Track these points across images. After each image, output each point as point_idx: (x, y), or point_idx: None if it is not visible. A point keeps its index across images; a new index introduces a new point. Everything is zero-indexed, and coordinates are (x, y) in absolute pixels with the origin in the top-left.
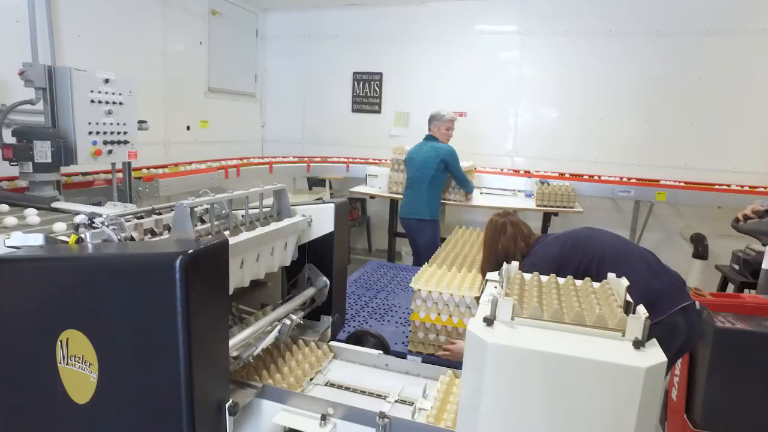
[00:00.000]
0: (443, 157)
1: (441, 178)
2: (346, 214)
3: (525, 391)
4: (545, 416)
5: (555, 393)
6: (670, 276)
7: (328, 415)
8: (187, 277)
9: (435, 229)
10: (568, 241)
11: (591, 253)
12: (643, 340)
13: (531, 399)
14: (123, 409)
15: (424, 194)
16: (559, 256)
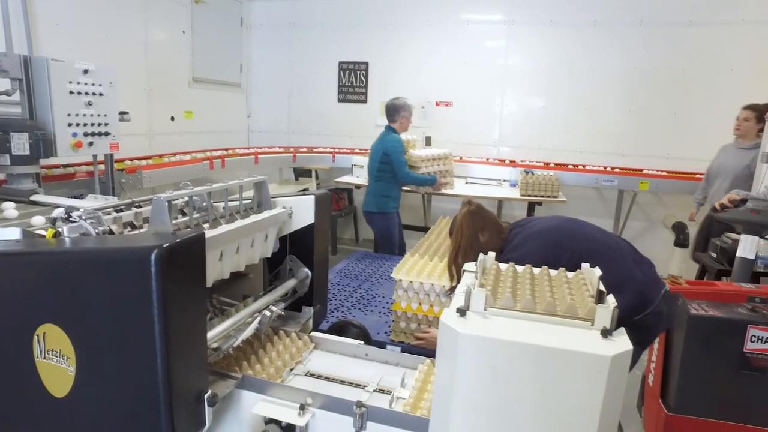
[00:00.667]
0: (385, 149)
1: (388, 170)
2: (327, 206)
3: (496, 380)
4: (516, 404)
5: (524, 382)
6: (647, 264)
7: (307, 404)
8: (162, 269)
9: (385, 221)
10: (551, 239)
11: (578, 251)
12: (611, 329)
13: (502, 388)
14: (101, 402)
15: (372, 187)
16: (545, 257)
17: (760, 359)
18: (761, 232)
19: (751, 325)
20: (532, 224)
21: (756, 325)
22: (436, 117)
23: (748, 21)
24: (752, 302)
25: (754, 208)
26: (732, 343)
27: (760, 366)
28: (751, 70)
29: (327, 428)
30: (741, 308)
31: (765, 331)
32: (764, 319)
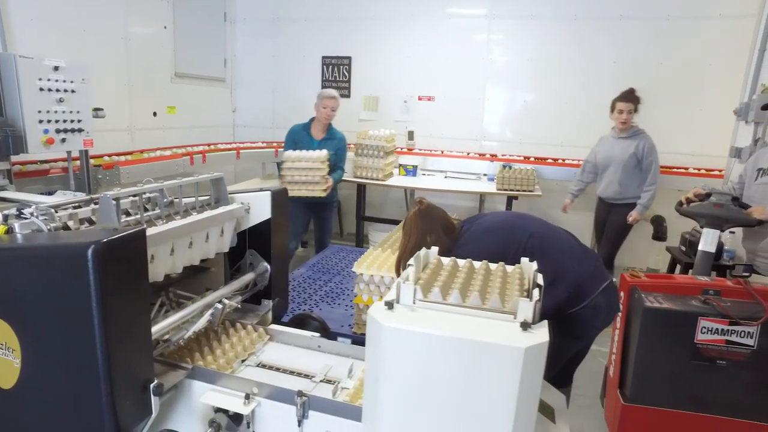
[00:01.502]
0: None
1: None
2: (284, 201)
3: (417, 371)
4: (437, 394)
5: (445, 373)
6: (591, 258)
7: (253, 394)
8: (99, 264)
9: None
10: (495, 239)
11: (521, 247)
12: (532, 322)
13: (423, 378)
14: (47, 392)
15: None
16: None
17: (710, 350)
18: (722, 226)
19: (701, 317)
20: (480, 222)
21: (706, 317)
22: (419, 111)
23: (725, 16)
24: (706, 295)
25: (716, 203)
26: (684, 335)
27: (710, 356)
28: (728, 65)
29: (272, 417)
30: (694, 301)
31: (715, 323)
32: (714, 311)
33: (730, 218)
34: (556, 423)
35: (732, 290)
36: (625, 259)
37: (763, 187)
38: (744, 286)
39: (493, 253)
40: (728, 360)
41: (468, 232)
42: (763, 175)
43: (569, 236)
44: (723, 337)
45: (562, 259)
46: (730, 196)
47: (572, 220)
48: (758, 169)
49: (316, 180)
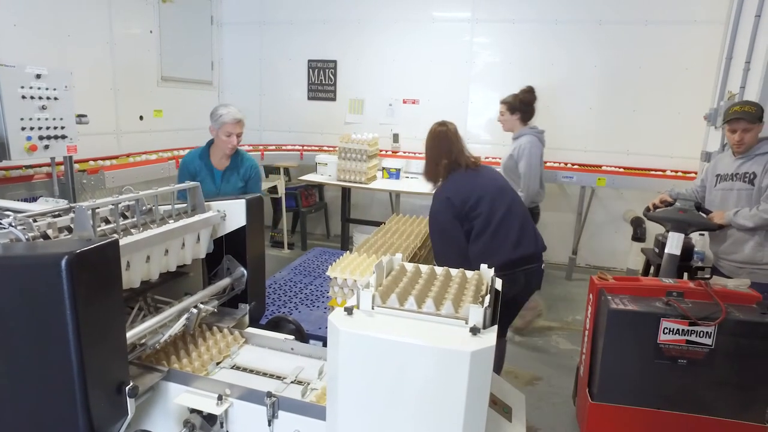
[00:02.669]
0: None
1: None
2: (259, 209)
3: (372, 373)
4: (389, 397)
5: (397, 376)
6: (527, 244)
7: (225, 395)
8: (73, 274)
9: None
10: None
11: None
12: (482, 327)
13: (377, 381)
14: (23, 395)
15: None
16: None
17: (671, 349)
18: (686, 230)
19: (663, 318)
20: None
21: (668, 318)
22: (404, 114)
23: (699, 21)
24: (669, 296)
25: (681, 208)
26: (647, 335)
27: (671, 355)
28: (702, 69)
29: (243, 417)
30: (658, 302)
31: (676, 324)
32: (675, 312)
33: (693, 222)
34: (512, 422)
35: (694, 292)
36: (604, 258)
37: (721, 193)
38: (704, 287)
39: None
40: (688, 359)
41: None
42: (721, 181)
43: (523, 214)
44: (683, 337)
45: (508, 234)
46: (693, 202)
47: (554, 219)
48: (716, 175)
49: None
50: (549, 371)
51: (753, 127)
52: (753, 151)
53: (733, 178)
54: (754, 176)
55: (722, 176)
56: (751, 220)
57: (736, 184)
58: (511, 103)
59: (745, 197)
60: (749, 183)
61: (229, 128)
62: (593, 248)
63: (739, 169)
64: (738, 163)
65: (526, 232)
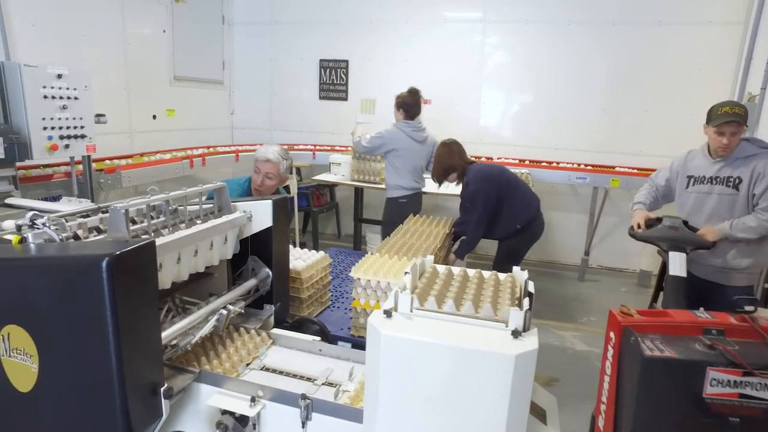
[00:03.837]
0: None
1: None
2: (285, 209)
3: (414, 377)
4: (432, 399)
5: (438, 379)
6: (532, 195)
7: (258, 397)
8: (113, 276)
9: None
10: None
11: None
12: (523, 330)
13: (418, 384)
14: (62, 396)
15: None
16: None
17: (721, 405)
18: (686, 248)
19: (710, 366)
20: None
21: (716, 367)
22: None
23: (714, 22)
24: (708, 335)
25: (671, 225)
26: (690, 388)
27: (721, 412)
28: (719, 70)
29: (276, 419)
30: (698, 344)
31: (725, 373)
32: (724, 358)
33: (687, 240)
34: (547, 425)
35: (736, 329)
36: (616, 260)
37: (695, 196)
38: (751, 323)
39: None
40: (742, 416)
41: (471, 179)
42: (696, 183)
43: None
44: (736, 390)
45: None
46: (681, 219)
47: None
48: (688, 177)
49: None
50: (566, 372)
51: (740, 129)
52: (734, 154)
53: (712, 181)
54: (739, 181)
55: (697, 179)
56: (755, 231)
57: (715, 188)
58: (396, 102)
59: (726, 203)
60: (734, 188)
61: (257, 165)
62: (605, 249)
63: (720, 173)
64: (718, 166)
65: (528, 191)
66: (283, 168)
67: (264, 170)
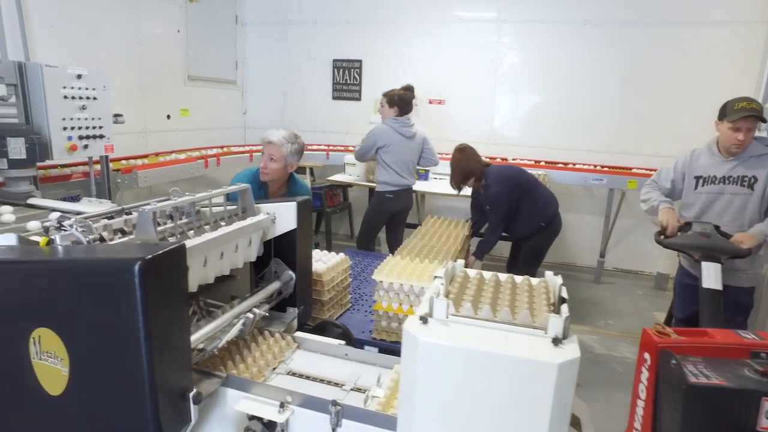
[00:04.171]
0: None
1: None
2: (308, 211)
3: (452, 384)
4: (472, 408)
5: (480, 387)
6: (554, 201)
7: (287, 402)
8: (145, 279)
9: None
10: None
11: (525, 195)
12: (563, 337)
13: (458, 391)
14: (93, 400)
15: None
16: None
17: None
18: (719, 258)
19: (765, 397)
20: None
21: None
22: (430, 115)
23: (737, 21)
24: (757, 359)
25: (702, 232)
26: (742, 420)
27: None
28: (740, 70)
29: (306, 425)
30: (747, 369)
31: None
32: None
33: (725, 249)
34: None
35: None
36: (632, 262)
37: (705, 197)
38: None
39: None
40: None
41: (490, 180)
42: (706, 183)
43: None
44: None
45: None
46: (712, 224)
47: (580, 221)
48: (696, 177)
49: None
50: (587, 377)
51: (756, 125)
52: (746, 152)
53: (724, 181)
54: (754, 180)
55: (707, 179)
56: None
57: (727, 188)
58: (389, 96)
59: (738, 203)
60: (748, 187)
61: (263, 148)
62: (621, 251)
63: (733, 172)
64: (730, 165)
65: (547, 190)
66: (287, 151)
67: (267, 152)
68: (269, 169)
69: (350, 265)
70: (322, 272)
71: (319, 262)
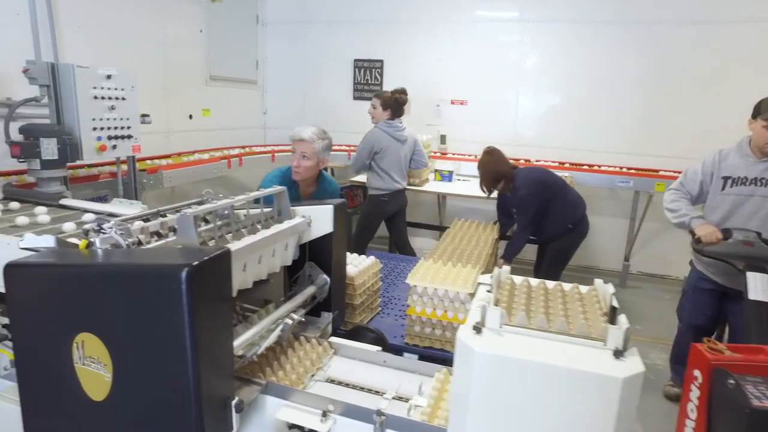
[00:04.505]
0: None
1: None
2: (344, 214)
3: (510, 398)
4: (529, 422)
5: (538, 400)
6: (582, 204)
7: (329, 411)
8: (192, 286)
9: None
10: (540, 190)
11: (553, 197)
12: (624, 350)
13: (515, 405)
14: (136, 407)
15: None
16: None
17: None
18: (765, 267)
19: None
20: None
21: None
22: (452, 115)
23: (761, 19)
24: None
25: (745, 240)
26: None
27: None
28: (760, 70)
29: None
30: None
31: None
32: None
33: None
34: None
35: None
36: (658, 266)
37: (734, 198)
38: None
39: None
40: None
41: (519, 181)
42: (735, 185)
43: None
44: None
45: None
46: (754, 232)
47: (604, 224)
48: (724, 178)
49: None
50: None
51: None
52: None
53: (756, 182)
54: None
55: (736, 180)
56: None
57: (759, 189)
58: (385, 99)
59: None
60: None
61: (293, 145)
62: (647, 255)
63: (766, 174)
64: (764, 166)
65: (575, 193)
66: (319, 147)
67: (299, 150)
68: (302, 167)
69: (381, 268)
70: (353, 276)
71: (350, 265)
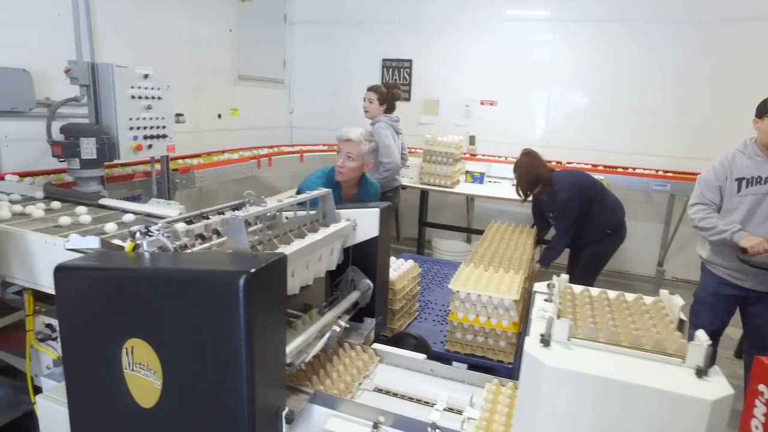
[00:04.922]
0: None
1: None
2: (390, 218)
3: (582, 416)
4: None
5: (613, 420)
6: (621, 209)
7: (380, 422)
8: (249, 294)
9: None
10: (580, 194)
11: (592, 197)
12: (706, 368)
13: (588, 424)
14: (186, 416)
15: None
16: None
17: None
18: None
19: None
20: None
21: None
22: (481, 116)
23: None
24: None
25: None
26: None
27: None
28: None
29: None
30: None
31: None
32: None
33: None
34: None
35: None
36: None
37: (751, 198)
38: None
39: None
40: None
41: (558, 182)
42: (749, 184)
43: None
44: None
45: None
46: None
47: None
48: (738, 179)
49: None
50: None
51: None
52: None
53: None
54: None
55: (750, 180)
56: None
57: None
58: (381, 93)
59: None
60: None
61: (339, 145)
62: (681, 260)
63: None
64: None
65: (614, 197)
66: (366, 149)
67: (345, 150)
68: (346, 168)
69: (420, 272)
70: (394, 280)
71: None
